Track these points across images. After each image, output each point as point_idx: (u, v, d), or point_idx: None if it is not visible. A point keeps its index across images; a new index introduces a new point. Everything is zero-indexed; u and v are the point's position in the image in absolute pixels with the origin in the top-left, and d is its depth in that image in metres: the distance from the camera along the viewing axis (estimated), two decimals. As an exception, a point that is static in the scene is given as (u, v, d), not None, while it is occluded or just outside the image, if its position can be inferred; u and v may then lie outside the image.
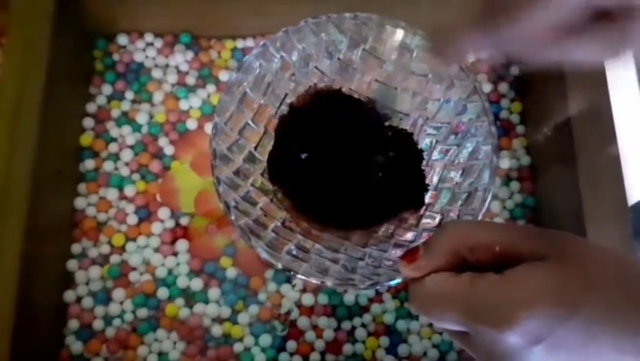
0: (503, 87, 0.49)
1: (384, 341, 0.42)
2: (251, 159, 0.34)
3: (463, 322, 0.24)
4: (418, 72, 0.35)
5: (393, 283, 0.29)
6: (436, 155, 0.35)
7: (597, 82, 0.42)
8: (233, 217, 0.30)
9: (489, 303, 0.23)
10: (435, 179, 0.35)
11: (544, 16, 0.22)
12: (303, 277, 0.30)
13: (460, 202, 0.33)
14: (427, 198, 0.34)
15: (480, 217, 0.31)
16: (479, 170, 0.33)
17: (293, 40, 0.34)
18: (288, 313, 0.42)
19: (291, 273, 0.30)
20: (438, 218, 0.33)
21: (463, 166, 0.34)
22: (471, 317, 0.23)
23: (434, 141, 0.35)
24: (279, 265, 0.30)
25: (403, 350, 0.42)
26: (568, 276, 0.22)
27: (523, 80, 0.49)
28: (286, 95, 0.35)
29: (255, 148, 0.34)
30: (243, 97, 0.33)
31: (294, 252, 0.31)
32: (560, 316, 0.22)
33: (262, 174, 0.34)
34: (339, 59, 0.35)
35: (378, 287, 0.30)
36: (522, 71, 0.49)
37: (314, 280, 0.29)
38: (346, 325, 0.42)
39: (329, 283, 0.30)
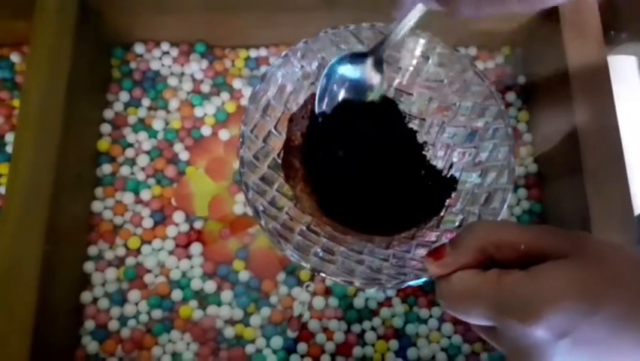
0: (510, 96, 0.50)
1: (394, 344, 0.43)
2: (275, 165, 0.35)
3: (490, 316, 0.25)
4: (435, 78, 0.36)
5: (419, 281, 0.30)
6: (455, 157, 0.36)
7: (602, 90, 0.43)
8: (262, 222, 0.31)
9: (516, 298, 0.24)
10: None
11: None
12: (332, 278, 0.30)
13: (480, 203, 0.33)
14: (448, 200, 0.35)
15: (500, 217, 0.32)
16: (498, 171, 0.34)
17: (313, 50, 0.35)
18: (300, 316, 0.43)
19: (319, 273, 0.31)
20: (459, 219, 0.34)
21: (481, 168, 0.35)
22: (499, 312, 0.24)
23: (452, 144, 0.36)
24: (308, 266, 0.31)
25: (411, 353, 0.43)
26: (591, 273, 0.23)
27: (529, 90, 0.50)
28: (306, 102, 0.36)
29: (278, 155, 0.35)
30: (267, 106, 0.35)
31: (321, 254, 0.32)
32: (584, 311, 0.23)
33: (285, 180, 0.35)
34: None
35: (404, 286, 0.30)
36: (528, 81, 0.50)
37: (341, 281, 0.30)
38: (356, 328, 0.43)
39: (357, 283, 0.30)
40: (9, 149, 0.47)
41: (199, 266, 0.44)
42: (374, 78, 0.35)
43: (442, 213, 0.35)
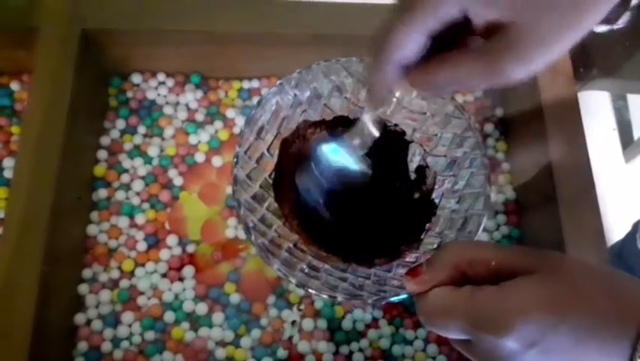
0: (489, 127, 0.53)
1: (380, 364, 0.44)
2: (266, 185, 0.37)
3: (465, 330, 0.26)
4: (418, 110, 0.39)
5: (399, 298, 0.32)
6: (435, 184, 0.39)
7: (574, 124, 0.46)
8: (252, 237, 0.33)
9: (488, 312, 0.25)
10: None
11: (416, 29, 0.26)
12: (316, 293, 0.32)
13: (457, 227, 0.36)
14: (428, 224, 0.37)
15: (475, 240, 0.34)
16: (474, 197, 0.36)
17: (306, 80, 0.38)
18: (290, 338, 0.44)
19: (305, 288, 0.32)
20: (437, 241, 0.36)
21: (459, 194, 0.37)
22: (472, 326, 0.26)
23: (433, 172, 0.39)
24: (294, 281, 0.32)
25: (397, 373, 0.44)
26: (558, 287, 0.25)
27: (507, 122, 0.53)
28: (298, 128, 0.38)
29: (270, 175, 0.37)
30: (261, 129, 0.37)
31: (306, 270, 0.34)
32: (551, 322, 0.24)
33: (275, 200, 0.37)
34: (346, 97, 0.39)
35: (384, 302, 0.32)
36: (506, 113, 0.53)
37: (325, 296, 0.32)
38: (344, 349, 0.45)
39: (339, 298, 0.32)
40: (7, 173, 0.48)
41: (191, 289, 0.45)
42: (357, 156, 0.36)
43: (421, 237, 0.37)
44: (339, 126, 0.40)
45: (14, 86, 0.51)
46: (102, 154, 0.49)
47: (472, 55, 0.26)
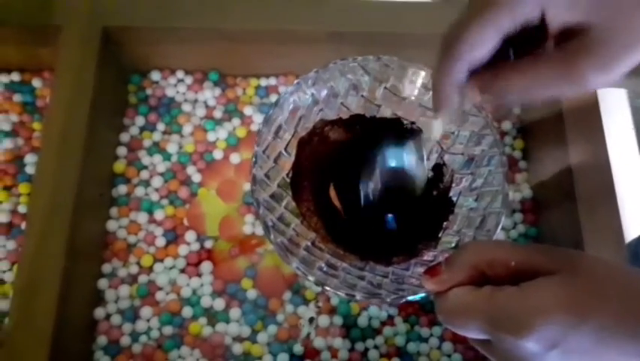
0: (506, 125, 0.52)
1: (396, 362, 0.44)
2: (284, 184, 0.37)
3: (485, 330, 0.26)
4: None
5: (417, 297, 0.32)
6: (453, 182, 0.39)
7: (593, 122, 0.45)
8: (272, 236, 0.33)
9: (508, 312, 0.25)
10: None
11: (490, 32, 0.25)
12: (335, 291, 0.32)
13: (475, 225, 0.35)
14: (446, 223, 0.37)
15: (494, 238, 0.34)
16: (492, 196, 0.36)
17: (323, 79, 0.38)
18: (308, 335, 0.45)
19: (324, 287, 0.32)
20: (455, 240, 0.36)
21: (477, 192, 0.37)
22: (492, 326, 0.26)
23: (450, 170, 0.39)
24: (313, 280, 0.33)
25: (413, 371, 0.44)
26: (579, 287, 0.25)
27: (524, 120, 0.53)
28: (315, 127, 0.39)
29: (287, 175, 0.38)
30: (279, 128, 0.37)
31: (325, 268, 0.34)
32: (572, 323, 0.24)
33: (293, 198, 0.37)
34: (362, 95, 0.39)
35: (403, 300, 0.32)
36: (523, 111, 0.53)
37: (343, 294, 0.32)
38: (360, 346, 0.45)
39: (358, 296, 0.32)
40: (28, 169, 0.49)
41: (209, 284, 0.46)
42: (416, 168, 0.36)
43: (439, 235, 0.37)
44: (356, 125, 0.40)
45: (36, 82, 0.52)
46: (122, 151, 0.49)
47: (548, 59, 0.25)
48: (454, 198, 0.38)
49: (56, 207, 0.41)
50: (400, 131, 0.39)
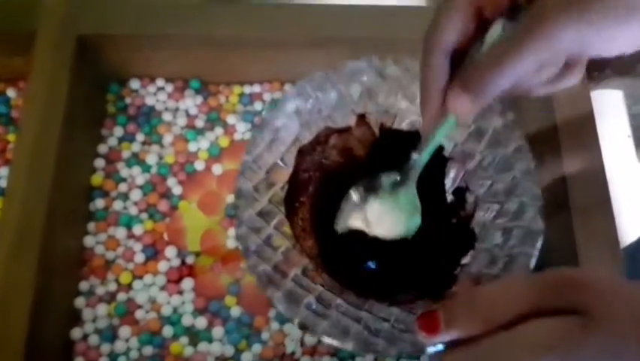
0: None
1: (386, 380, 0.43)
2: (277, 199, 0.33)
3: None
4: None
5: (423, 354, 0.28)
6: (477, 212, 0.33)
7: (587, 130, 0.44)
8: (251, 262, 0.29)
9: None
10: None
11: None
12: (323, 337, 0.28)
13: (499, 266, 0.30)
14: (463, 258, 0.32)
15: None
16: (523, 233, 0.30)
17: (331, 81, 0.34)
18: (293, 354, 0.43)
19: (310, 331, 0.28)
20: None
21: (504, 226, 0.32)
22: None
23: (474, 196, 0.33)
24: (296, 321, 0.28)
25: (404, 389, 0.43)
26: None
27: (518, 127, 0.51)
28: (318, 136, 0.34)
29: (282, 188, 0.34)
30: (275, 135, 0.33)
31: (314, 306, 0.30)
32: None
33: (286, 216, 0.33)
34: (377, 103, 0.34)
35: (403, 356, 0.28)
36: (517, 118, 0.51)
37: (334, 342, 0.28)
38: (348, 364, 0.43)
39: (349, 346, 0.28)
40: (2, 183, 0.47)
41: (190, 302, 0.44)
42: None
43: (456, 272, 0.32)
44: (368, 135, 0.36)
45: (10, 92, 0.50)
46: (99, 163, 0.48)
47: (519, 26, 0.24)
48: (476, 230, 0.33)
49: (27, 222, 0.39)
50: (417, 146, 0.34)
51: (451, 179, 0.34)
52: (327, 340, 0.28)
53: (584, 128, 0.44)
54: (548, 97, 0.45)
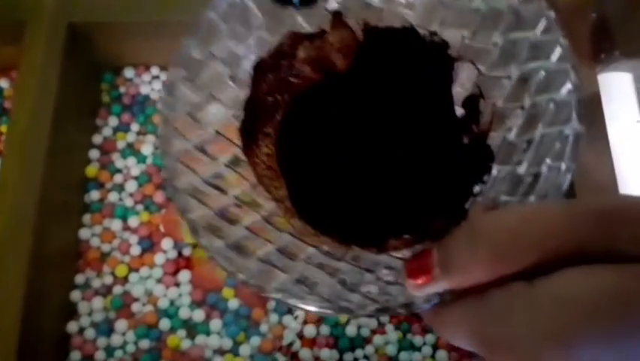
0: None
1: (387, 373, 0.42)
2: (231, 129, 0.25)
3: (476, 350, 0.18)
4: (465, 7, 0.25)
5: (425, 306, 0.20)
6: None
7: (595, 111, 0.43)
8: (182, 206, 0.21)
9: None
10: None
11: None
12: (276, 296, 0.21)
13: (522, 190, 0.22)
14: (478, 185, 0.24)
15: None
16: (552, 141, 0.22)
17: None
18: (290, 345, 0.42)
19: (258, 289, 0.21)
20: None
21: (530, 137, 0.23)
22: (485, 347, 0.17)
23: (490, 105, 0.25)
24: (241, 277, 0.21)
25: (405, 382, 0.42)
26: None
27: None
28: (281, 45, 0.25)
29: (236, 116, 0.25)
30: (217, 41, 0.24)
31: (274, 258, 0.23)
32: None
33: (244, 150, 0.26)
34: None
35: (387, 314, 0.21)
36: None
37: (290, 302, 0.21)
38: (348, 356, 0.42)
39: (311, 307, 0.21)
40: (-5, 175, 0.46)
41: (187, 294, 0.43)
42: None
43: (466, 205, 0.24)
44: (348, 40, 0.27)
45: (3, 83, 0.49)
46: (94, 154, 0.47)
47: None
48: (494, 149, 0.24)
49: (19, 214, 0.39)
50: (416, 48, 0.26)
51: (460, 86, 0.26)
52: (278, 296, 0.21)
53: (592, 112, 0.43)
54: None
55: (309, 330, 0.42)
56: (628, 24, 0.52)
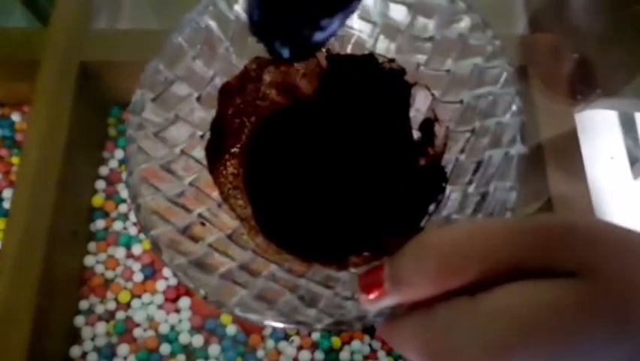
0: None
1: (379, 398, 0.43)
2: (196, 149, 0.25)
3: None
4: (420, 35, 0.26)
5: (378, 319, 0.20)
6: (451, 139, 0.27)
7: (572, 148, 0.45)
8: (145, 224, 0.21)
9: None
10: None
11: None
12: (237, 312, 0.22)
13: (470, 207, 0.24)
14: (432, 204, 0.26)
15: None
16: (499, 163, 0.23)
17: None
18: (286, 369, 0.44)
19: (219, 306, 0.22)
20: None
21: (479, 158, 0.25)
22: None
23: (445, 128, 0.27)
24: (202, 293, 0.21)
25: (396, 407, 0.43)
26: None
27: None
28: (247, 70, 0.26)
29: (202, 136, 0.25)
30: (182, 66, 0.24)
31: (235, 275, 0.23)
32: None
33: (210, 168, 0.26)
34: None
35: (341, 328, 0.20)
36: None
37: (249, 316, 0.21)
38: (342, 382, 0.44)
39: (270, 321, 0.21)
40: (6, 205, 0.48)
41: (187, 320, 0.45)
42: None
43: (422, 224, 0.25)
44: (310, 65, 0.28)
45: (15, 117, 0.52)
46: (100, 184, 0.49)
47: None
48: (448, 168, 0.26)
49: (29, 242, 0.41)
50: (375, 74, 0.28)
51: (416, 110, 0.27)
52: (237, 311, 0.21)
53: (570, 148, 0.45)
54: (533, 116, 0.46)
55: (304, 355, 0.44)
56: (607, 62, 0.56)
